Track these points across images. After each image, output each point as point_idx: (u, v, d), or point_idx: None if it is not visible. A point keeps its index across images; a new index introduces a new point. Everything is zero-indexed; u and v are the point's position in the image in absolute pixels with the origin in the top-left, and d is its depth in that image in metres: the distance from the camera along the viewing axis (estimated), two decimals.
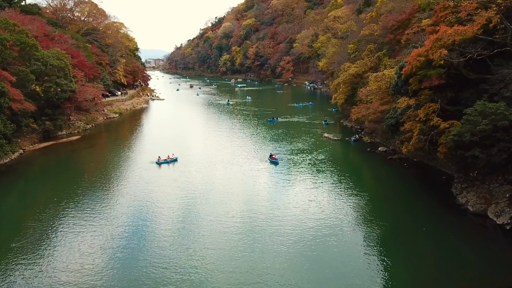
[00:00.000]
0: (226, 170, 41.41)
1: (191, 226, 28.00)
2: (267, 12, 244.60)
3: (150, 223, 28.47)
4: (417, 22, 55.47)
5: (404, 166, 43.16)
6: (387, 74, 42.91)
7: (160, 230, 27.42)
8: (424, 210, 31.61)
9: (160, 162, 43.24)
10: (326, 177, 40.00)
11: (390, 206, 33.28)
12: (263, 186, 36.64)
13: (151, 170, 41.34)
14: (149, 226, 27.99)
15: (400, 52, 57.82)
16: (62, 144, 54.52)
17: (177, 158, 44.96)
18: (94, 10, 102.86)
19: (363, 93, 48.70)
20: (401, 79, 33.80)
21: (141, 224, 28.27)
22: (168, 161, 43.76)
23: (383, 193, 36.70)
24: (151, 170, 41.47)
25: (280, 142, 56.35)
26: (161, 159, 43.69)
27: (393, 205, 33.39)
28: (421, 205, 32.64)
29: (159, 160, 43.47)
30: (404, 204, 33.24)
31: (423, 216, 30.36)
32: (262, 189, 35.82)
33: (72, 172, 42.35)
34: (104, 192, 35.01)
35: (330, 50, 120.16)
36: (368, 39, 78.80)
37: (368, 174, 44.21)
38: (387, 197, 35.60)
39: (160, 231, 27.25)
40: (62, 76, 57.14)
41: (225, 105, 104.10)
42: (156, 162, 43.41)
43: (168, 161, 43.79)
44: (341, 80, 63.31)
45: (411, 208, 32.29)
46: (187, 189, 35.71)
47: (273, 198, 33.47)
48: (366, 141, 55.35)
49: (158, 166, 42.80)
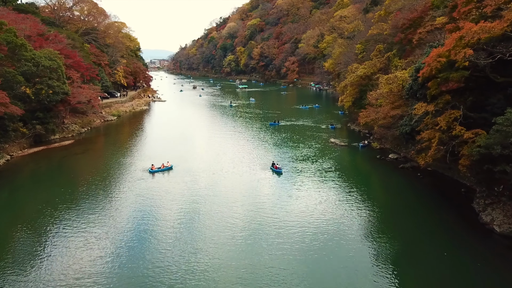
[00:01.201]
0: (224, 181, 38.18)
1: (181, 251, 24.81)
2: (272, 12, 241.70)
3: (135, 248, 25.33)
4: (430, 20, 51.89)
5: (418, 176, 39.78)
6: (400, 76, 39.42)
7: (148, 253, 24.27)
8: (441, 227, 28.37)
9: (154, 171, 40.13)
10: (332, 187, 36.69)
11: (402, 220, 30.17)
12: (264, 199, 33.34)
13: (143, 180, 38.20)
14: (133, 252, 24.84)
15: (412, 52, 54.26)
16: (53, 150, 51.63)
17: (172, 166, 41.84)
18: (93, 9, 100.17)
19: (373, 96, 45.20)
20: (418, 82, 30.34)
21: (125, 249, 25.13)
22: (162, 169, 40.64)
23: (394, 205, 33.43)
24: (143, 180, 38.33)
25: (284, 147, 53.07)
26: (155, 167, 40.58)
27: (406, 220, 30.27)
28: (438, 221, 29.39)
29: (152, 168, 40.37)
30: (418, 219, 29.99)
31: (441, 234, 27.16)
32: (264, 203, 32.52)
33: (58, 181, 39.32)
34: (88, 209, 31.89)
35: (336, 51, 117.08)
36: (377, 39, 75.29)
37: (378, 184, 40.78)
38: (399, 210, 32.37)
39: (148, 254, 24.10)
40: (55, 78, 54.30)
41: (227, 107, 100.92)
42: (149, 171, 40.31)
43: (163, 169, 40.67)
44: (348, 82, 59.84)
45: (426, 224, 29.02)
46: (180, 203, 32.52)
47: (276, 213, 30.18)
48: (375, 147, 52.02)
49: (152, 175, 39.67)
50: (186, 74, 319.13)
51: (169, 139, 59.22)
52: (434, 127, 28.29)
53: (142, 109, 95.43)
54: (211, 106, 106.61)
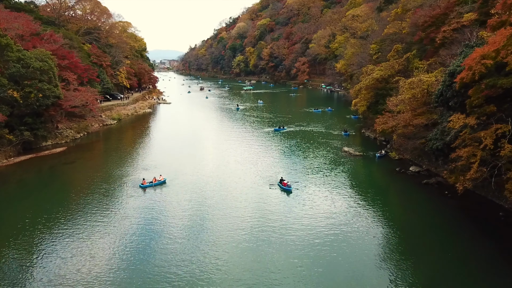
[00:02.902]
0: (224, 201, 33.26)
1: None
2: (282, 12, 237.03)
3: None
4: (457, 17, 46.72)
5: (445, 194, 34.63)
6: (426, 81, 34.36)
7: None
8: (474, 256, 23.91)
9: (145, 186, 35.75)
10: (346, 205, 32.03)
11: (426, 245, 25.62)
12: (271, 225, 28.55)
13: (133, 198, 33.77)
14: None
15: (435, 52, 49.14)
16: (42, 158, 47.66)
17: (166, 180, 37.44)
18: (96, 8, 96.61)
19: (393, 102, 40.10)
20: (453, 89, 25.36)
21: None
22: (154, 183, 36.22)
23: (417, 228, 28.73)
24: (132, 197, 33.90)
25: (292, 157, 48.33)
26: (146, 182, 36.20)
27: (431, 245, 25.66)
28: (470, 250, 24.81)
29: (143, 183, 35.99)
30: (444, 245, 25.39)
31: (473, 266, 22.91)
32: (271, 229, 27.83)
33: (38, 196, 35.20)
34: (64, 233, 27.67)
35: (349, 51, 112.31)
36: (393, 38, 70.23)
37: (397, 203, 35.61)
38: (422, 233, 27.70)
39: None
40: (46, 80, 50.46)
41: (234, 110, 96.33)
42: (140, 186, 35.95)
43: (155, 183, 36.25)
44: (363, 85, 54.79)
45: (455, 252, 24.46)
46: (171, 227, 28.05)
47: (286, 239, 25.51)
48: (393, 157, 46.98)
49: (143, 191, 35.30)
50: (195, 75, 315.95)
51: (167, 148, 54.81)
52: (473, 143, 23.32)
53: (145, 112, 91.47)
54: (217, 109, 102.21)
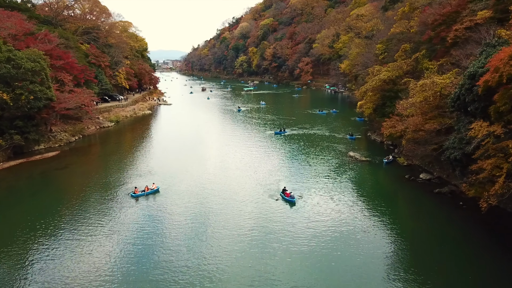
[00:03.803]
0: (221, 212, 30.78)
1: None
2: (285, 12, 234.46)
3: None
4: (470, 15, 44.11)
5: (459, 205, 32.09)
6: (440, 83, 31.81)
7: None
8: (496, 281, 21.45)
9: (137, 195, 33.43)
10: (353, 218, 29.58)
11: (440, 265, 23.09)
12: (274, 244, 26.16)
13: (124, 208, 31.46)
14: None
15: (446, 52, 46.51)
16: (32, 163, 45.51)
17: (159, 188, 35.14)
18: (95, 7, 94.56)
19: (403, 106, 37.53)
20: (473, 93, 22.84)
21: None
22: (146, 192, 33.92)
23: (430, 244, 26.22)
24: (123, 208, 31.57)
25: (295, 163, 45.84)
26: (138, 190, 33.89)
27: (445, 265, 23.18)
28: (491, 271, 22.44)
29: (135, 192, 33.68)
30: (460, 262, 23.39)
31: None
32: (273, 250, 25.44)
33: (25, 204, 33.01)
34: (49, 246, 25.44)
35: (353, 51, 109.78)
36: (400, 38, 67.44)
37: (408, 214, 32.91)
38: (436, 251, 25.16)
39: None
40: (37, 81, 48.37)
41: (235, 111, 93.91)
42: (131, 195, 33.63)
43: (147, 192, 33.95)
44: (370, 87, 52.22)
45: (473, 271, 22.43)
46: (162, 243, 25.72)
47: (286, 262, 23.13)
48: (402, 163, 44.47)
49: (135, 200, 33.01)
50: (198, 75, 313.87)
51: (164, 152, 52.42)
52: (498, 154, 20.81)
53: (144, 114, 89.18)
54: (218, 110, 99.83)
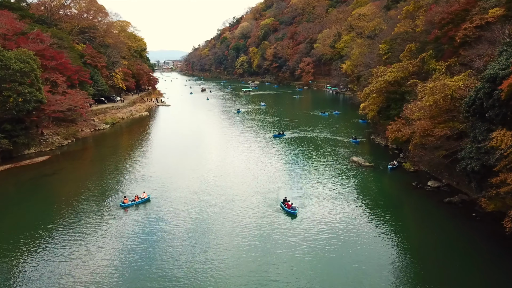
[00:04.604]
0: (217, 225, 28.59)
1: None
2: (286, 11, 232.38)
3: None
4: (480, 13, 41.86)
5: (472, 216, 29.91)
6: (452, 85, 29.63)
7: None
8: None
9: (126, 205, 31.34)
10: (357, 231, 27.39)
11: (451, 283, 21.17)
12: (274, 259, 24.09)
13: (112, 219, 29.35)
14: None
15: (454, 53, 44.26)
16: (21, 169, 43.43)
17: (150, 197, 33.07)
18: (91, 7, 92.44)
19: (411, 110, 35.31)
20: (494, 98, 20.69)
21: None
22: (136, 202, 31.83)
23: (440, 259, 24.08)
24: (112, 219, 29.46)
25: (297, 169, 43.63)
26: (128, 200, 31.79)
27: (459, 284, 21.30)
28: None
29: (124, 202, 31.58)
30: (475, 282, 21.25)
31: None
32: (274, 270, 23.34)
33: (9, 213, 30.95)
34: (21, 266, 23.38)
35: (355, 51, 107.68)
36: (405, 38, 65.24)
37: (415, 226, 30.57)
38: (447, 266, 23.10)
39: None
40: (27, 83, 46.32)
41: (235, 113, 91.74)
42: (120, 205, 31.54)
43: (137, 202, 31.86)
44: (374, 88, 50.01)
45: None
46: (148, 261, 23.62)
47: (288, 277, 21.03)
48: (408, 169, 42.33)
49: (124, 210, 30.91)
50: (198, 75, 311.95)
51: (158, 157, 50.18)
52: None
53: (141, 115, 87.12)
54: (217, 111, 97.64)
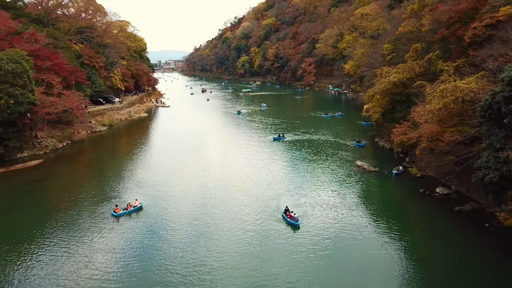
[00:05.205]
0: (211, 238, 26.91)
1: None
2: (288, 11, 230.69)
3: None
4: (490, 12, 40.12)
5: (486, 227, 28.09)
6: (464, 88, 27.83)
7: None
8: None
9: (118, 214, 29.66)
10: (362, 242, 25.50)
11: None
12: (275, 272, 22.40)
13: (102, 230, 27.67)
14: None
15: (463, 53, 42.49)
16: (11, 174, 41.74)
17: (142, 205, 31.43)
18: (90, 6, 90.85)
19: (420, 114, 33.48)
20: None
21: None
22: (129, 210, 30.16)
23: (451, 276, 22.36)
24: (102, 229, 27.78)
25: (298, 175, 41.84)
26: (119, 209, 30.11)
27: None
28: None
29: (116, 211, 29.90)
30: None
31: None
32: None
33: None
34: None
35: (358, 51, 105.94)
36: (410, 37, 63.52)
37: (423, 238, 28.31)
38: (456, 281, 21.55)
39: None
40: (19, 84, 44.73)
41: (235, 114, 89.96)
42: (112, 214, 29.87)
43: (129, 210, 30.19)
44: (379, 90, 48.24)
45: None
46: (143, 282, 21.93)
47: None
48: (414, 174, 40.57)
49: (116, 220, 29.26)
50: (199, 76, 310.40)
51: (154, 160, 48.35)
52: None
53: (140, 117, 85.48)
54: (217, 113, 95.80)
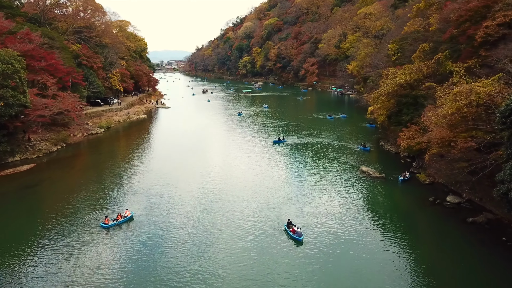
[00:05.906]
0: (209, 257, 24.96)
1: None
2: (290, 11, 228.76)
3: None
4: (504, 9, 38.09)
5: (502, 241, 26.08)
6: (481, 91, 25.81)
7: None
8: None
9: (108, 226, 27.79)
10: (370, 257, 23.49)
11: None
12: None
13: (92, 243, 25.80)
14: None
15: (474, 53, 40.42)
16: (2, 179, 39.89)
17: (133, 215, 29.58)
18: (88, 5, 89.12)
19: (431, 118, 31.40)
20: None
21: None
22: (119, 221, 28.30)
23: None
24: (92, 242, 25.90)
25: (300, 181, 39.79)
26: (109, 220, 28.24)
27: None
28: None
29: (106, 222, 28.02)
30: None
31: None
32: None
33: None
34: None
35: (362, 51, 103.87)
36: (416, 37, 61.45)
37: (435, 252, 25.89)
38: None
39: None
40: (10, 86, 42.98)
41: (235, 115, 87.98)
42: (101, 225, 28.00)
43: (119, 221, 28.34)
44: (385, 92, 46.21)
45: None
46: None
47: None
48: (423, 180, 38.51)
49: (105, 232, 27.39)
50: (201, 76, 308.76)
51: (150, 165, 46.17)
52: None
53: (139, 118, 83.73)
54: (217, 114, 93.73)
